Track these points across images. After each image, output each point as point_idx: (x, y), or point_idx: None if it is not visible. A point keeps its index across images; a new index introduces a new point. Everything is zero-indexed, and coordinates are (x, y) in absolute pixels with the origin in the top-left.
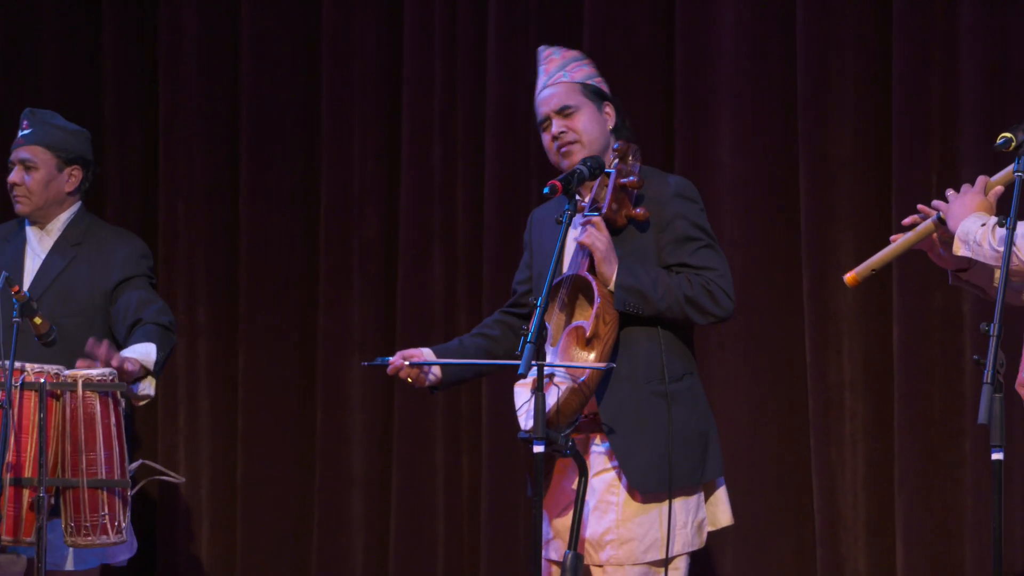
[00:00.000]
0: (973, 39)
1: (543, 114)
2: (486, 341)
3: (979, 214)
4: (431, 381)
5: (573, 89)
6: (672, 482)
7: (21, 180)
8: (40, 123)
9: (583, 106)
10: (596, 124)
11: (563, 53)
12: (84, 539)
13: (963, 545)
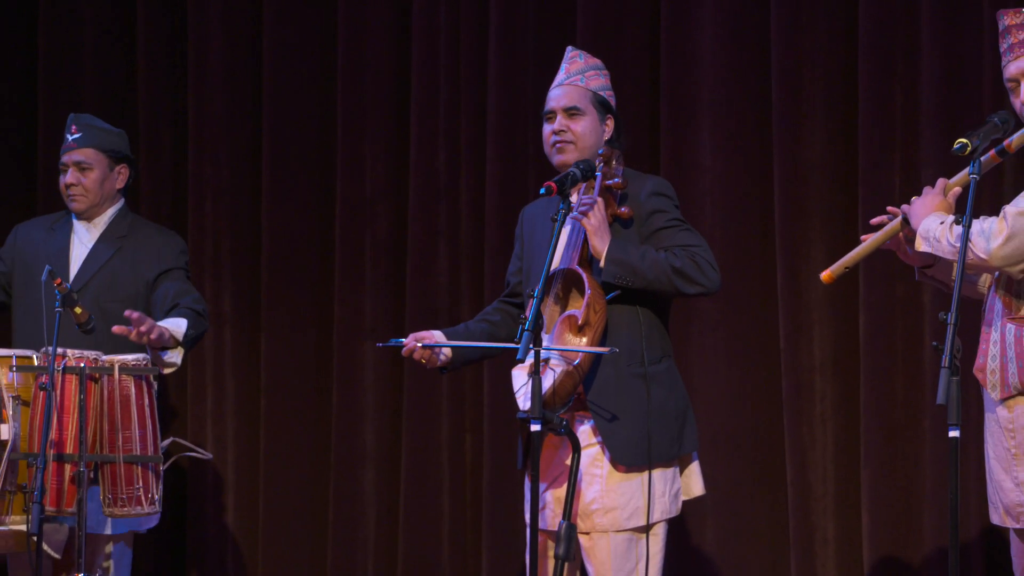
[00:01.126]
0: (932, 54)
1: (551, 107)
2: (489, 326)
3: (938, 213)
4: (442, 361)
5: (585, 95)
6: (651, 456)
7: (78, 180)
8: (87, 127)
9: (588, 113)
10: (594, 132)
11: (587, 59)
12: (121, 510)
13: (922, 515)
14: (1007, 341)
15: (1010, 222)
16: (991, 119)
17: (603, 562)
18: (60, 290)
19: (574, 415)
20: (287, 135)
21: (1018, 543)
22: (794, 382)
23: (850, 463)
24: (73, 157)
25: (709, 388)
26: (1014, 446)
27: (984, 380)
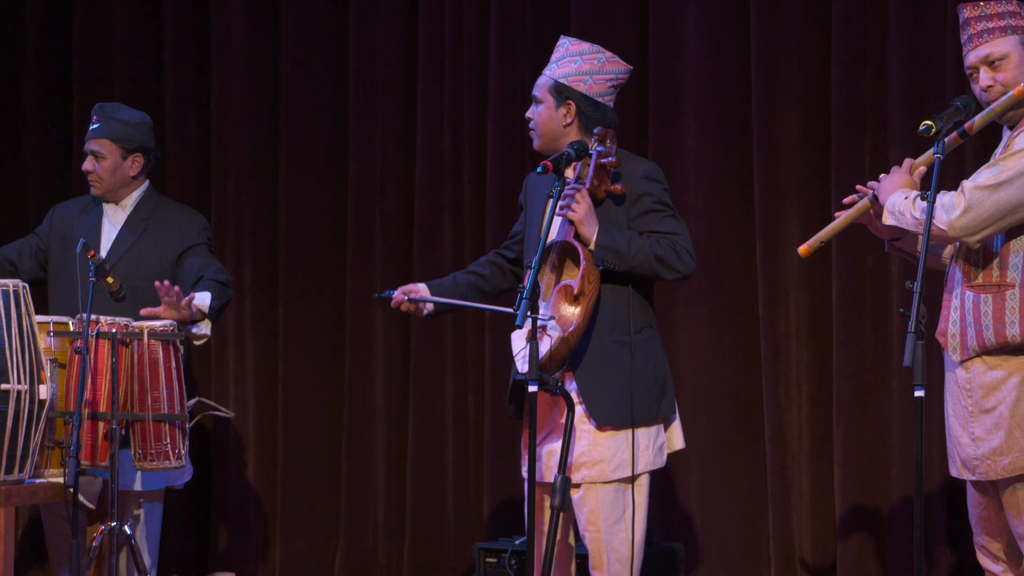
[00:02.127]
0: (898, 43)
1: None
2: (477, 279)
3: (904, 190)
4: (426, 311)
5: (546, 84)
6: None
7: (92, 168)
8: (107, 118)
9: (544, 101)
10: (550, 119)
11: (571, 46)
12: (150, 464)
13: (890, 469)
14: (966, 307)
15: (968, 196)
16: (954, 103)
17: (592, 511)
18: (93, 261)
19: (564, 376)
20: (303, 118)
21: (974, 494)
22: (772, 347)
23: (823, 421)
24: (90, 147)
25: (694, 353)
26: (971, 404)
27: (945, 343)
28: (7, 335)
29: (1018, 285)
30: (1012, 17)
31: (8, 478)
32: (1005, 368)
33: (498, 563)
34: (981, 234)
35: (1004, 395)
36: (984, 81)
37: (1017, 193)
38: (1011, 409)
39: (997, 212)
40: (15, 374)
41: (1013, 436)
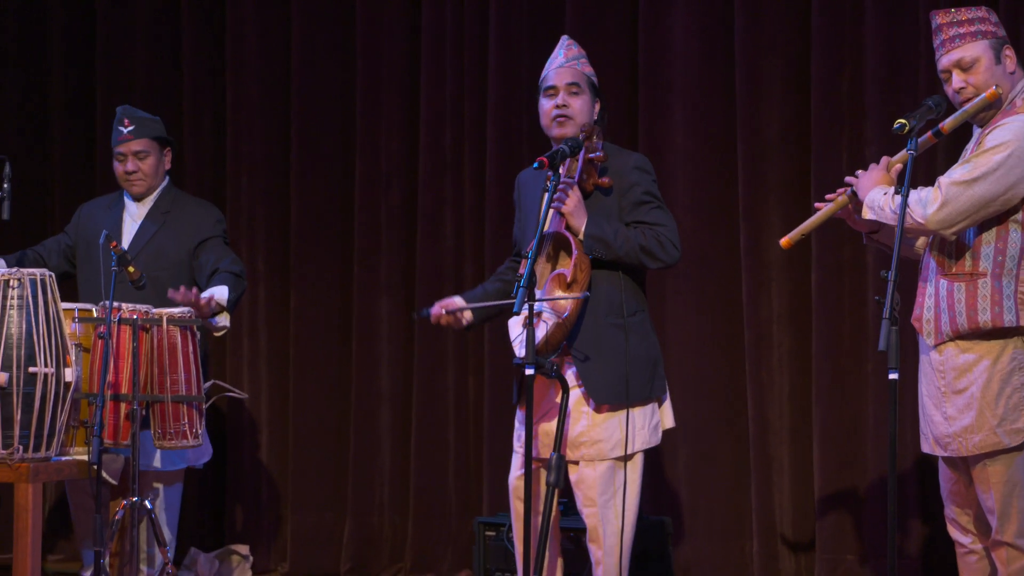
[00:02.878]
0: (874, 47)
1: (554, 82)
2: (503, 284)
3: (882, 186)
4: (466, 323)
5: (582, 76)
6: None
7: (137, 167)
8: (139, 120)
9: (585, 92)
10: (588, 110)
11: (579, 48)
12: (169, 443)
13: (866, 445)
14: (940, 295)
15: (944, 191)
16: (926, 103)
17: (590, 487)
18: (116, 251)
19: (563, 360)
20: (312, 117)
21: (945, 469)
22: (755, 332)
23: (803, 402)
24: (131, 147)
25: (682, 337)
26: (943, 385)
27: (920, 328)
28: (35, 321)
29: (989, 274)
30: (982, 23)
31: (36, 455)
32: (976, 352)
33: (497, 536)
34: (956, 227)
35: (975, 377)
36: (957, 84)
37: (990, 188)
38: (981, 390)
39: (972, 206)
40: (42, 358)
41: (983, 416)
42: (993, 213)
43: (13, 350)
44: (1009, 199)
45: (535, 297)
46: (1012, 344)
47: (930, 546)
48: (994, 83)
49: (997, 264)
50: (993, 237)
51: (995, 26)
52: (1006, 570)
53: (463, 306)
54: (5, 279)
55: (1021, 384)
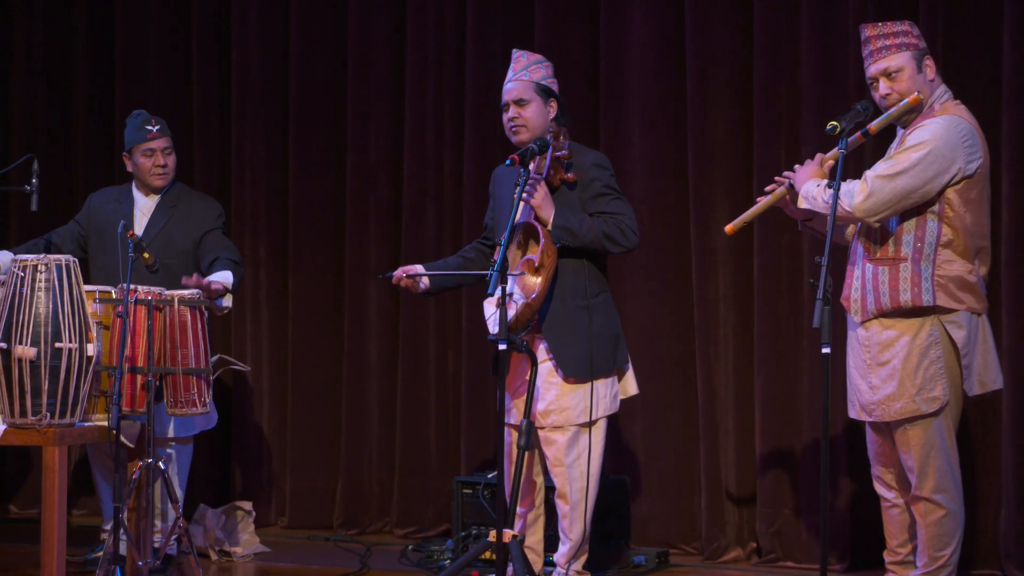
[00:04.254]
0: (809, 56)
1: (505, 100)
2: (464, 261)
3: (816, 179)
4: (422, 288)
5: (529, 87)
6: (593, 370)
7: (166, 162)
8: (160, 122)
9: (533, 100)
10: (540, 115)
11: (529, 56)
12: (180, 410)
13: (801, 412)
14: (866, 277)
15: (870, 184)
16: (855, 106)
17: (558, 449)
18: (132, 239)
19: (534, 337)
20: (308, 120)
21: (871, 433)
22: (703, 311)
23: (746, 373)
24: (160, 144)
25: (638, 316)
26: (869, 358)
27: (848, 307)
28: (60, 302)
29: (910, 259)
30: (906, 36)
31: (61, 422)
32: (898, 328)
33: (473, 494)
34: (880, 215)
35: (897, 351)
36: (883, 90)
37: (911, 182)
38: (902, 362)
39: (894, 197)
40: (67, 334)
41: (903, 385)
42: (913, 204)
43: (41, 327)
44: (927, 192)
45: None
46: (929, 322)
47: (857, 501)
48: (916, 90)
49: (916, 250)
50: (913, 226)
51: (917, 39)
52: (924, 521)
53: (422, 273)
54: (34, 264)
55: (937, 357)
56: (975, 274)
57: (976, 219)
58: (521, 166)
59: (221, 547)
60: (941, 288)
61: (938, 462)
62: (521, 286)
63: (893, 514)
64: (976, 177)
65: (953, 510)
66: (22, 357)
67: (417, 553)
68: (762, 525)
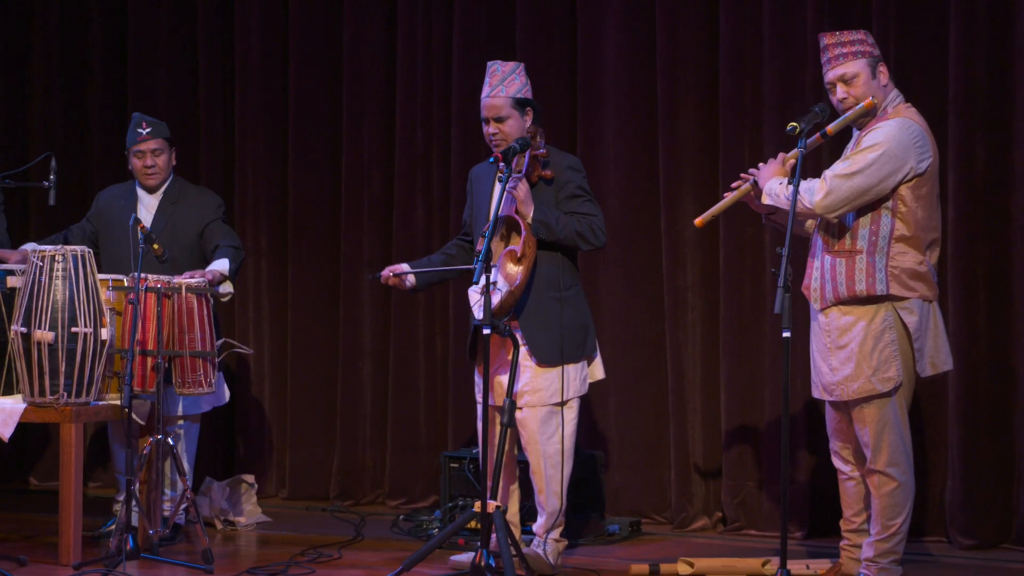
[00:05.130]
0: (771, 61)
1: (485, 116)
2: (447, 257)
3: (778, 177)
4: (409, 285)
5: (507, 103)
6: (563, 356)
7: (154, 163)
8: (152, 123)
9: (511, 115)
10: (518, 128)
11: (503, 68)
12: (188, 390)
13: (764, 392)
14: (825, 268)
15: (828, 182)
16: (813, 109)
17: (533, 428)
18: (143, 232)
19: (511, 323)
20: (306, 121)
21: (830, 410)
22: (673, 298)
23: (712, 355)
24: (150, 146)
25: (613, 302)
26: (829, 342)
27: (809, 295)
28: (76, 289)
29: (865, 252)
30: (861, 44)
31: (77, 401)
32: (854, 315)
33: (459, 468)
34: (839, 211)
35: (854, 335)
36: (840, 94)
37: (866, 180)
38: (859, 346)
39: (851, 195)
40: (82, 320)
41: (860, 367)
42: (868, 201)
43: (58, 313)
44: (881, 190)
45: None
46: (883, 308)
47: (815, 474)
48: (871, 94)
49: (871, 243)
50: (868, 221)
51: (872, 47)
52: (877, 492)
53: (407, 270)
54: (51, 255)
55: (891, 341)
56: (926, 264)
57: (927, 214)
58: (504, 163)
59: (226, 517)
60: (894, 278)
61: (892, 438)
62: (504, 275)
63: (849, 486)
64: (927, 175)
65: (905, 482)
66: (41, 341)
67: (408, 523)
68: (727, 496)
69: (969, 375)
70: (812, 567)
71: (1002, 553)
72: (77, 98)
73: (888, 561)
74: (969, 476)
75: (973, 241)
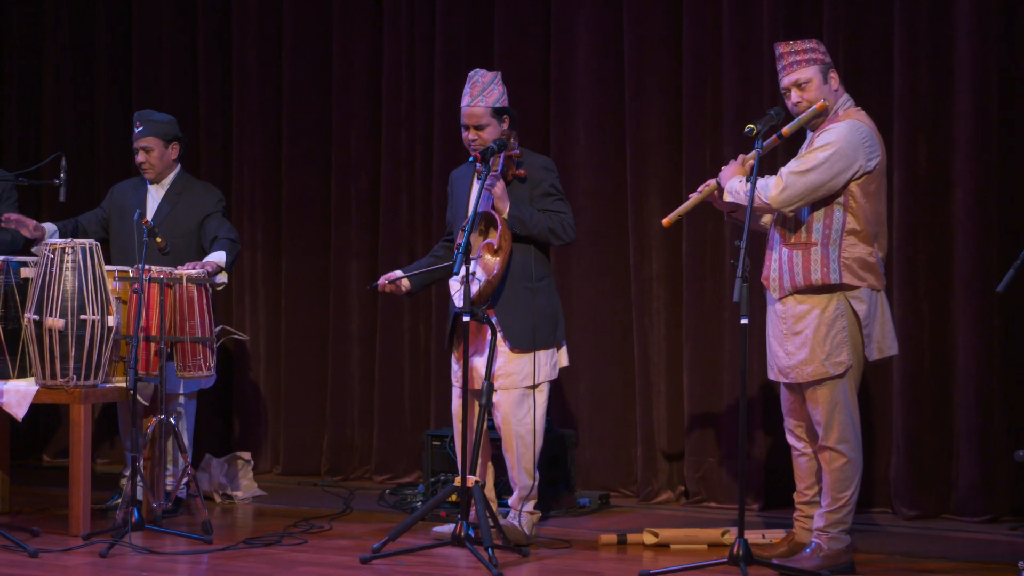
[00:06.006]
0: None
1: (464, 123)
2: (435, 259)
3: (738, 176)
4: (405, 290)
5: (485, 112)
6: (536, 343)
7: (146, 159)
8: (147, 122)
9: (490, 124)
10: (495, 134)
11: (483, 78)
12: (188, 373)
13: (723, 375)
14: (782, 259)
15: (784, 179)
16: (769, 112)
17: (506, 409)
18: (146, 226)
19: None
20: (299, 122)
21: (786, 392)
22: (639, 288)
23: (676, 341)
24: (140, 144)
25: (584, 292)
26: (785, 328)
27: (768, 285)
28: (85, 280)
29: (819, 244)
30: (814, 52)
31: (86, 383)
32: (809, 303)
33: (441, 445)
34: (794, 206)
35: (808, 322)
36: (795, 98)
37: (819, 177)
38: (813, 332)
39: (806, 191)
40: (90, 308)
41: (814, 352)
42: (821, 196)
43: (68, 302)
44: (833, 186)
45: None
46: (836, 297)
47: (771, 451)
48: (823, 98)
49: (825, 236)
50: (822, 215)
51: (823, 54)
52: (828, 467)
53: (401, 275)
54: (62, 248)
55: (842, 328)
56: (875, 256)
57: (875, 209)
58: (482, 163)
59: (224, 491)
60: (846, 268)
61: (842, 417)
62: (482, 265)
63: (802, 462)
64: (875, 173)
65: (853, 458)
66: (52, 327)
67: (393, 496)
68: (689, 471)
69: (913, 359)
70: (768, 536)
71: (942, 523)
72: (85, 102)
73: (837, 531)
74: (912, 452)
75: (916, 234)
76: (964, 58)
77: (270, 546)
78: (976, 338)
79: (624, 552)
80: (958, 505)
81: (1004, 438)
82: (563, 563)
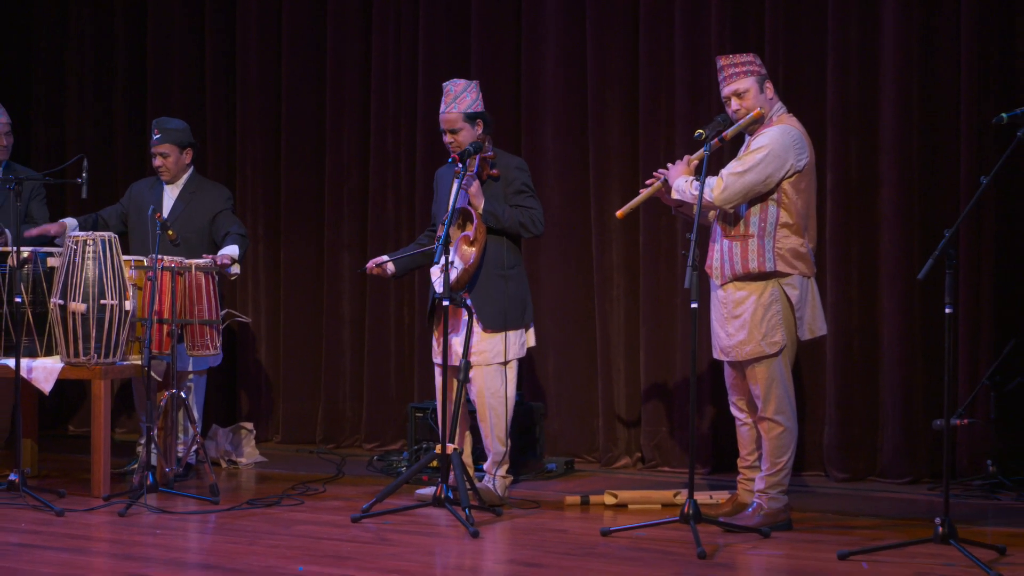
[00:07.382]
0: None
1: (442, 128)
2: (418, 246)
3: (685, 176)
4: (390, 272)
5: (459, 118)
6: (507, 324)
7: (162, 164)
8: (165, 130)
9: (464, 128)
10: (469, 136)
11: (456, 87)
12: (197, 352)
13: (676, 354)
14: (723, 250)
15: (725, 179)
16: (716, 119)
17: (481, 384)
18: (159, 220)
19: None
20: (296, 126)
21: (728, 369)
22: (601, 276)
23: (633, 325)
24: (158, 150)
25: (551, 279)
26: (726, 312)
27: (711, 273)
28: (104, 268)
29: (756, 236)
30: (751, 64)
31: (106, 361)
32: (747, 289)
33: (423, 417)
34: (734, 203)
35: (747, 307)
36: (734, 106)
37: (755, 176)
38: (751, 315)
39: (743, 189)
40: (109, 294)
41: (752, 333)
42: (758, 193)
43: (90, 288)
44: (768, 184)
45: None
46: (771, 284)
47: (717, 422)
48: (759, 106)
49: (761, 229)
50: (758, 210)
51: (759, 67)
52: (767, 436)
53: (387, 260)
54: (84, 240)
55: (777, 311)
56: (806, 247)
57: (806, 204)
58: (460, 163)
59: (229, 457)
60: (780, 257)
61: (778, 391)
62: (460, 255)
63: (744, 431)
64: (804, 171)
65: (789, 427)
66: (75, 311)
67: (381, 462)
68: (645, 440)
69: (843, 338)
70: (715, 497)
71: (869, 484)
72: (105, 108)
73: (776, 492)
74: (842, 422)
75: (847, 229)
76: (888, 72)
77: (271, 506)
78: (900, 320)
79: (587, 511)
80: (883, 469)
81: (924, 409)
82: (532, 522)
